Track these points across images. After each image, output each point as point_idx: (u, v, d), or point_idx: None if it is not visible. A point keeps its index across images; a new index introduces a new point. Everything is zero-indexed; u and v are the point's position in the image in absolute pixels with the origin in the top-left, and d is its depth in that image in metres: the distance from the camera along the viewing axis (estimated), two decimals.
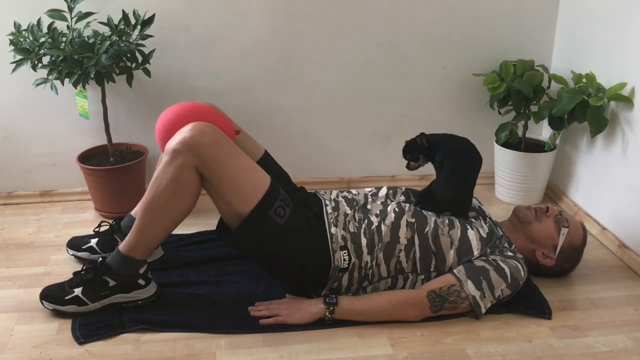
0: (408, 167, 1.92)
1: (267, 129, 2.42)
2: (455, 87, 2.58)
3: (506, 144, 2.49)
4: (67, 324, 1.69)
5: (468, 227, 1.82)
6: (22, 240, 2.17)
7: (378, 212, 1.82)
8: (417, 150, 1.88)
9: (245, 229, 1.66)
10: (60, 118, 2.38)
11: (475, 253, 1.78)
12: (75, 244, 2.02)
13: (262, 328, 1.70)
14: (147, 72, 2.19)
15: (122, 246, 1.70)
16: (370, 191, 1.94)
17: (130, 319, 1.70)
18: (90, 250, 1.98)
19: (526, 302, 1.81)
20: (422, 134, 1.87)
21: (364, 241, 1.76)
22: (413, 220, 1.79)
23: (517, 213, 1.93)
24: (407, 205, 1.85)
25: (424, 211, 1.83)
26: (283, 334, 1.68)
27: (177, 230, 2.15)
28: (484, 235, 1.81)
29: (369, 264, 1.75)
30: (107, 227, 2.00)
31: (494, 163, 2.55)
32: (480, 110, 2.60)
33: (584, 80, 2.23)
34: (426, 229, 1.78)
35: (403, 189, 1.97)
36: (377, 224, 1.78)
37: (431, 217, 1.81)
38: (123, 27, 2.09)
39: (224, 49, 2.38)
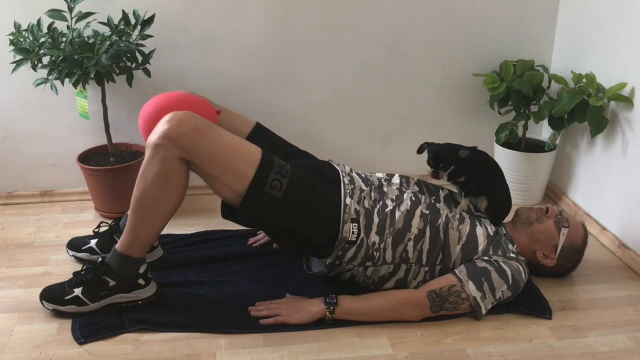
0: (436, 176, 1.86)
1: None
2: (455, 87, 2.58)
3: (506, 144, 2.49)
4: (67, 324, 1.69)
5: (477, 223, 1.82)
6: (22, 240, 2.17)
7: (394, 197, 1.81)
8: (453, 160, 1.84)
9: (246, 208, 1.64)
10: (60, 118, 2.38)
11: (479, 249, 1.78)
12: (75, 244, 2.02)
13: (262, 328, 1.70)
14: (147, 72, 2.19)
15: (118, 245, 1.70)
16: (382, 177, 1.92)
17: (130, 319, 1.70)
18: (90, 250, 1.98)
19: (526, 302, 1.81)
20: (475, 147, 1.86)
21: (375, 220, 1.74)
22: (427, 212, 1.79)
23: (518, 214, 1.93)
24: (423, 196, 1.85)
25: (437, 204, 1.83)
26: (283, 334, 1.68)
27: (177, 230, 2.17)
28: (491, 233, 1.82)
29: (377, 245, 1.73)
30: (107, 227, 2.00)
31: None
32: (480, 110, 2.60)
33: (584, 80, 2.23)
34: (438, 222, 1.78)
35: (415, 179, 1.95)
36: (391, 207, 1.77)
37: (444, 210, 1.81)
38: (123, 27, 2.09)
39: (224, 49, 2.38)
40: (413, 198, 1.81)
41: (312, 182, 1.73)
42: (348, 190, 1.76)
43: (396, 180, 1.91)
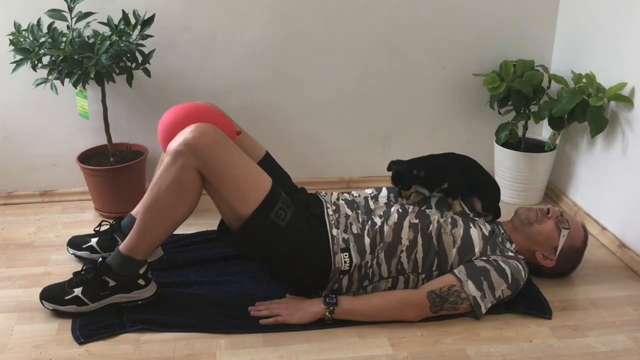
0: (400, 195, 1.87)
1: (267, 129, 2.42)
2: (455, 87, 2.58)
3: (506, 144, 2.49)
4: (67, 324, 1.69)
5: (471, 225, 1.82)
6: (22, 240, 2.17)
7: (381, 213, 1.82)
8: (409, 179, 1.84)
9: (247, 230, 1.66)
10: (60, 118, 2.38)
11: (476, 250, 1.78)
12: (76, 243, 2.02)
13: (262, 328, 1.70)
14: (147, 72, 2.19)
15: (122, 246, 1.70)
16: (370, 193, 1.94)
17: (130, 319, 1.70)
18: (90, 249, 1.98)
19: (526, 302, 1.81)
20: (420, 168, 1.83)
21: (367, 241, 1.76)
22: (416, 221, 1.79)
23: (518, 214, 1.93)
24: (411, 206, 1.85)
25: (427, 210, 1.83)
26: (283, 334, 1.68)
27: (177, 230, 2.15)
28: (486, 234, 1.82)
29: (370, 263, 1.75)
30: (108, 226, 2.01)
31: (494, 163, 2.55)
32: (480, 110, 2.60)
33: (584, 80, 2.23)
34: (430, 229, 1.78)
35: None
36: (380, 224, 1.78)
37: (434, 216, 1.81)
38: (123, 27, 2.09)
39: (224, 49, 2.38)
40: (400, 210, 1.82)
41: (307, 217, 1.76)
42: (333, 221, 1.78)
43: (384, 194, 1.92)
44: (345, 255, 1.73)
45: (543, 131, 2.66)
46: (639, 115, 2.05)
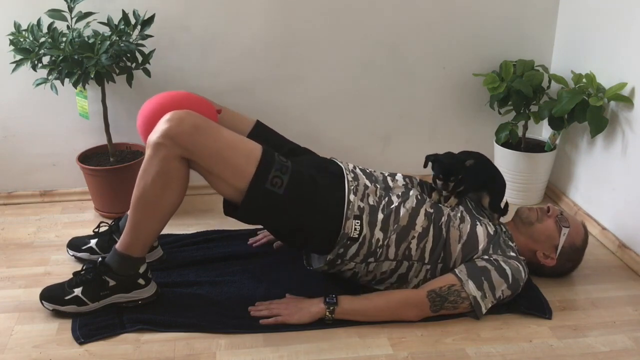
0: (447, 188, 1.83)
1: None
2: (455, 87, 2.58)
3: (506, 144, 2.49)
4: (67, 324, 1.69)
5: (477, 223, 1.82)
6: (22, 240, 2.17)
7: (400, 194, 1.81)
8: (460, 171, 1.82)
9: (247, 205, 1.64)
10: (60, 118, 2.38)
11: (480, 248, 1.78)
12: (75, 244, 2.02)
13: (262, 328, 1.70)
14: (147, 72, 2.19)
15: (118, 245, 1.70)
16: (386, 174, 1.92)
17: (130, 319, 1.70)
18: (90, 250, 1.98)
19: (526, 302, 1.81)
20: (469, 158, 1.85)
21: (380, 216, 1.74)
22: (432, 210, 1.79)
23: (519, 214, 1.94)
24: (426, 196, 1.86)
25: (439, 204, 1.84)
26: (283, 334, 1.68)
27: (177, 230, 2.17)
28: (491, 232, 1.82)
29: (380, 242, 1.73)
30: (107, 227, 2.00)
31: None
32: (480, 110, 2.60)
33: (584, 80, 2.23)
34: (441, 221, 1.78)
35: (417, 179, 1.96)
36: (397, 204, 1.77)
37: (446, 209, 1.82)
38: (123, 27, 2.09)
39: (224, 49, 2.38)
40: (419, 197, 1.82)
41: (314, 178, 1.73)
42: (352, 187, 1.76)
43: (399, 176, 1.92)
44: (357, 222, 1.71)
45: (543, 131, 2.66)
46: (639, 115, 2.05)
